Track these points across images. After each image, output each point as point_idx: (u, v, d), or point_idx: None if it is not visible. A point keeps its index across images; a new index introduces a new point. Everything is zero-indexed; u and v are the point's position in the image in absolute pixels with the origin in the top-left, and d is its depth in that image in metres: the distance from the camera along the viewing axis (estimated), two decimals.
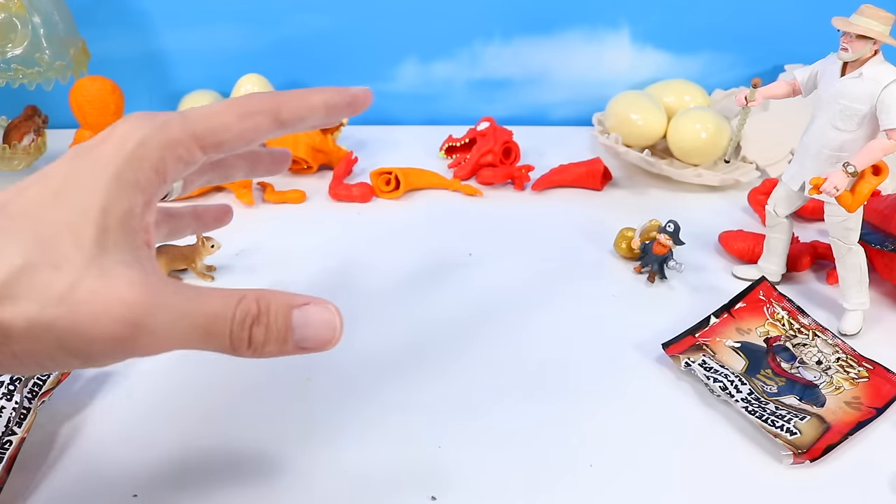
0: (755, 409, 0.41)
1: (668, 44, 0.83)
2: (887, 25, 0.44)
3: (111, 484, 0.37)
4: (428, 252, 0.58)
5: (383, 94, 0.85)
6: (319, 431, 0.40)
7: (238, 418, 0.41)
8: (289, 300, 0.30)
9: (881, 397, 0.43)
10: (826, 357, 0.46)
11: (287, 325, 0.30)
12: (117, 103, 0.67)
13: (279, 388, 0.43)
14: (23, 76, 0.63)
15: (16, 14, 0.62)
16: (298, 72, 0.83)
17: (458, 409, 0.42)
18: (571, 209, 0.66)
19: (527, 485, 0.37)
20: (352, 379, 0.44)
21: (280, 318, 0.30)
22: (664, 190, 0.70)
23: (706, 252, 0.59)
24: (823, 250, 0.56)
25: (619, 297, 0.53)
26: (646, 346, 0.47)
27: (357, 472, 0.38)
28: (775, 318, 0.50)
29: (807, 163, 0.49)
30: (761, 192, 0.64)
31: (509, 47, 0.82)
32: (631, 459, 0.39)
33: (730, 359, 0.46)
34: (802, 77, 0.49)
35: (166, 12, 0.79)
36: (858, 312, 0.49)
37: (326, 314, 0.31)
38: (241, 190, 0.65)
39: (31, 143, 0.68)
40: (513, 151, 0.73)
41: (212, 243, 0.53)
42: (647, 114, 0.72)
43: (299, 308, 0.30)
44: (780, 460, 0.39)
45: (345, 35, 0.81)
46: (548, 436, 0.40)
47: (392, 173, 0.67)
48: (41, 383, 0.41)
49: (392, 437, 0.40)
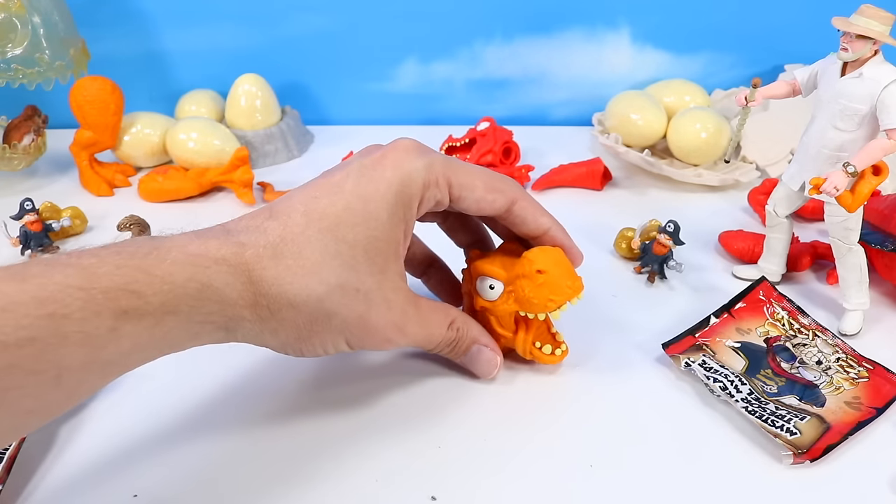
0: (755, 409, 0.41)
1: (668, 44, 0.83)
2: (887, 25, 0.44)
3: (111, 484, 0.37)
4: None
5: (383, 94, 0.85)
6: (319, 431, 0.40)
7: (238, 418, 0.41)
8: (475, 337, 0.41)
9: (881, 397, 0.43)
10: (826, 357, 0.46)
11: (465, 352, 0.41)
12: (117, 103, 0.67)
13: (281, 389, 0.43)
14: (23, 76, 0.63)
15: (16, 14, 0.62)
16: (298, 72, 0.83)
17: (457, 409, 0.42)
18: (571, 209, 0.66)
19: (527, 484, 0.37)
20: (350, 379, 0.44)
21: (464, 346, 0.40)
22: (664, 190, 0.70)
23: (706, 252, 0.59)
24: (823, 250, 0.56)
25: (619, 297, 0.53)
26: (646, 346, 0.47)
27: (357, 472, 0.38)
28: (775, 318, 0.50)
29: (807, 163, 0.49)
30: (761, 192, 0.64)
31: (509, 47, 0.82)
32: (631, 459, 0.39)
33: (730, 359, 0.46)
34: (802, 77, 0.49)
35: (166, 12, 0.79)
36: (858, 312, 0.49)
37: (492, 358, 0.42)
38: (241, 189, 0.65)
39: (31, 143, 0.68)
40: (513, 151, 0.73)
41: None
42: (647, 114, 0.72)
43: (478, 346, 0.41)
44: (780, 460, 0.39)
45: (345, 35, 0.81)
46: (547, 436, 0.40)
47: None
48: None
49: (392, 436, 0.40)
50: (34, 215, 0.56)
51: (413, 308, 0.37)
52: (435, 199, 0.37)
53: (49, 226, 0.57)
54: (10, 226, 0.55)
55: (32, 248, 0.56)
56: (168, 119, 0.73)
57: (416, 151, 0.36)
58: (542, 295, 0.40)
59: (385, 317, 0.35)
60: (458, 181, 0.37)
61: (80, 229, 0.61)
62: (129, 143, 0.70)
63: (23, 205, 0.56)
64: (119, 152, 0.71)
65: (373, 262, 0.34)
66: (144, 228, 0.53)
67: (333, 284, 0.32)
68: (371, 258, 0.34)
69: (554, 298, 0.40)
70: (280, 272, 0.32)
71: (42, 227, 0.56)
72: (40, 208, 0.57)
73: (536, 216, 0.41)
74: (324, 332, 0.34)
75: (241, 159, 0.65)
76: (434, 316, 0.38)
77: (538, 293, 0.40)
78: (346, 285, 0.33)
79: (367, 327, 0.35)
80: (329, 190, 0.35)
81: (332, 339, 0.35)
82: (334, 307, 0.33)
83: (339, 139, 0.78)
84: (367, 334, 0.35)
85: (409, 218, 0.36)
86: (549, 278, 0.40)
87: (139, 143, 0.70)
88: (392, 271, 0.35)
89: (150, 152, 0.71)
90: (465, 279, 0.44)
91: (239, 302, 0.32)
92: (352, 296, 0.33)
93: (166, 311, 0.29)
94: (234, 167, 0.65)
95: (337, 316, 0.33)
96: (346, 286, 0.33)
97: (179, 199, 0.66)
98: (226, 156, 0.68)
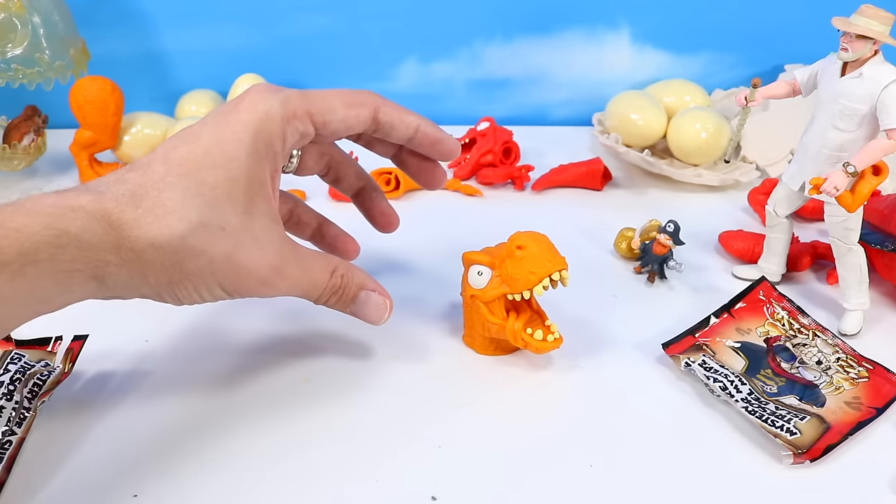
0: (755, 409, 0.41)
1: (668, 44, 0.83)
2: (887, 25, 0.44)
3: (111, 484, 0.37)
4: (427, 252, 0.58)
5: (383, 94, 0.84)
6: (320, 432, 0.40)
7: (238, 418, 0.41)
8: (362, 282, 0.40)
9: (881, 397, 0.43)
10: (826, 357, 0.46)
11: (353, 299, 0.40)
12: (117, 103, 0.67)
13: (279, 389, 0.43)
14: (23, 76, 0.63)
15: (16, 14, 0.62)
16: (298, 72, 0.83)
17: (457, 408, 0.42)
18: (571, 209, 0.66)
19: (527, 484, 0.37)
20: (350, 379, 0.44)
21: (351, 293, 0.40)
22: (664, 190, 0.70)
23: (706, 252, 0.59)
24: (823, 250, 0.56)
25: (619, 297, 0.53)
26: (646, 346, 0.47)
27: (357, 472, 0.38)
28: (775, 318, 0.50)
29: (807, 163, 0.49)
30: (761, 192, 0.64)
31: (509, 47, 0.82)
32: (631, 460, 0.39)
33: (730, 359, 0.46)
34: (802, 77, 0.49)
35: (166, 12, 0.79)
36: (858, 312, 0.49)
37: (381, 302, 0.41)
38: None
39: (31, 143, 0.68)
40: (513, 151, 0.73)
41: None
42: (647, 114, 0.72)
43: (366, 291, 0.40)
44: (780, 460, 0.39)
45: (345, 35, 0.81)
46: (547, 436, 0.40)
47: (392, 173, 0.67)
48: (41, 383, 0.41)
49: (392, 436, 0.40)
50: None
51: (291, 251, 0.36)
52: (299, 132, 0.37)
53: None
54: None
55: None
56: (168, 119, 0.73)
57: (269, 91, 0.36)
58: (523, 269, 0.42)
59: (257, 258, 0.34)
60: (317, 108, 0.37)
61: None
62: (129, 143, 0.70)
63: None
64: (119, 152, 0.71)
65: (236, 202, 0.34)
66: None
67: (195, 222, 0.32)
68: (234, 198, 0.33)
69: (535, 271, 0.41)
70: (140, 214, 0.32)
71: None
72: None
73: (402, 117, 0.40)
74: (195, 275, 0.33)
75: None
76: (316, 262, 0.38)
77: (519, 268, 0.42)
78: (208, 223, 0.33)
79: (238, 268, 0.34)
80: (187, 139, 0.35)
81: (204, 282, 0.34)
82: (199, 245, 0.33)
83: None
84: (239, 276, 0.34)
85: (273, 156, 0.36)
86: (528, 253, 0.42)
87: (139, 143, 0.70)
88: (260, 212, 0.35)
89: (150, 152, 0.71)
90: (464, 286, 0.45)
91: (100, 246, 0.31)
92: (216, 234, 0.33)
93: (26, 261, 0.29)
94: None
95: (203, 255, 0.33)
96: (209, 224, 0.33)
97: None
98: None
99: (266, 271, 0.35)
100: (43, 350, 0.44)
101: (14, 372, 0.41)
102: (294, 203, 0.46)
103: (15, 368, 0.41)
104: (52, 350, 0.44)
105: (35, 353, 0.44)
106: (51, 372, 0.42)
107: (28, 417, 0.39)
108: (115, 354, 0.45)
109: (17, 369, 0.41)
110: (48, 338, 0.45)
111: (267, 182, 0.35)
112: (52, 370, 0.42)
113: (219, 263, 0.33)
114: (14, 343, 0.44)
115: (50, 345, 0.45)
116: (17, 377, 0.40)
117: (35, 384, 0.40)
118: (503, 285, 0.43)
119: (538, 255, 0.42)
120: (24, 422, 0.38)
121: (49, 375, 0.41)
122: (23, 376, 0.41)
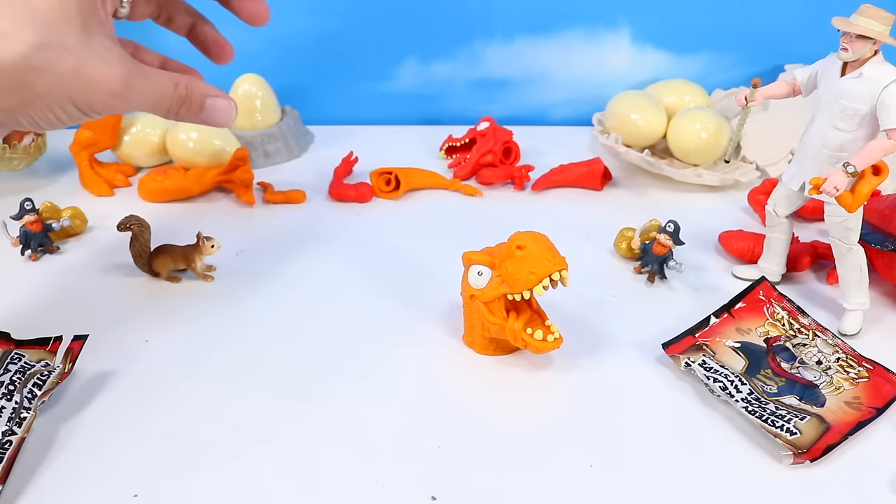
0: (755, 409, 0.41)
1: (668, 44, 0.83)
2: (887, 25, 0.44)
3: (111, 484, 0.37)
4: (428, 252, 0.58)
5: (383, 93, 0.85)
6: (320, 432, 0.40)
7: (239, 418, 0.41)
8: (206, 90, 0.42)
9: (881, 397, 0.43)
10: (826, 357, 0.46)
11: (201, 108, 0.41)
12: None
13: (282, 388, 0.43)
14: None
15: None
16: (298, 72, 0.83)
17: (458, 409, 0.42)
18: (571, 209, 0.66)
19: (527, 484, 0.37)
20: (353, 379, 0.44)
21: (198, 102, 0.41)
22: (664, 190, 0.70)
23: (706, 252, 0.59)
24: (823, 250, 0.56)
25: (619, 297, 0.53)
26: (646, 346, 0.47)
27: (358, 472, 0.38)
28: (775, 318, 0.50)
29: (807, 163, 0.49)
30: (761, 192, 0.64)
31: (509, 47, 0.82)
32: (631, 459, 0.39)
33: (730, 359, 0.46)
34: (802, 77, 0.49)
35: None
36: (858, 312, 0.49)
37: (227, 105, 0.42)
38: (241, 189, 0.65)
39: (31, 143, 0.68)
40: (513, 151, 0.73)
41: (212, 243, 0.53)
42: (647, 114, 0.72)
43: (211, 98, 0.42)
44: (780, 460, 0.39)
45: (345, 35, 0.81)
46: (547, 435, 0.40)
47: (392, 173, 0.67)
48: (41, 383, 0.41)
49: (392, 436, 0.40)
50: (34, 215, 0.56)
51: (136, 65, 0.38)
52: None
53: (49, 226, 0.57)
54: (11, 226, 0.55)
55: (33, 248, 0.56)
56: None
57: None
58: (523, 269, 0.42)
59: (104, 71, 0.36)
60: None
61: (81, 229, 0.61)
62: (129, 143, 0.70)
63: (23, 205, 0.56)
64: (119, 152, 0.71)
65: (72, 23, 0.35)
66: (144, 228, 0.53)
67: (35, 43, 0.34)
68: (69, 19, 0.35)
69: (535, 271, 0.41)
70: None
71: (42, 227, 0.56)
72: (40, 208, 0.57)
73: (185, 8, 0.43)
74: (46, 94, 0.35)
75: (241, 159, 0.65)
76: (159, 76, 0.39)
77: (519, 268, 0.42)
78: (48, 43, 0.34)
79: (87, 81, 0.35)
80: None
81: (56, 100, 0.35)
82: (44, 63, 0.34)
83: (339, 139, 0.78)
84: (89, 89, 0.36)
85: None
86: (528, 253, 0.42)
87: (139, 143, 0.70)
88: (98, 33, 0.37)
89: (150, 152, 0.71)
90: (464, 286, 0.46)
91: None
92: (59, 52, 0.34)
93: None
94: (234, 167, 0.65)
95: (50, 72, 0.34)
96: (50, 44, 0.34)
97: (179, 199, 0.66)
98: (226, 156, 0.68)
99: (115, 83, 0.36)
100: (43, 350, 0.44)
101: (14, 372, 0.41)
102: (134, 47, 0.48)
103: (15, 368, 0.41)
104: (52, 350, 0.45)
105: (35, 353, 0.44)
106: (51, 372, 0.42)
107: (28, 417, 0.39)
108: (115, 354, 0.45)
109: (17, 369, 0.41)
110: (48, 338, 0.45)
111: (98, 6, 0.37)
112: (52, 370, 0.42)
113: (67, 79, 0.35)
114: (14, 343, 0.44)
115: (50, 345, 0.45)
116: (17, 377, 0.41)
117: (35, 384, 0.40)
118: (503, 285, 0.43)
119: (538, 255, 0.42)
120: (24, 422, 0.38)
121: (49, 375, 0.41)
122: (23, 376, 0.41)
